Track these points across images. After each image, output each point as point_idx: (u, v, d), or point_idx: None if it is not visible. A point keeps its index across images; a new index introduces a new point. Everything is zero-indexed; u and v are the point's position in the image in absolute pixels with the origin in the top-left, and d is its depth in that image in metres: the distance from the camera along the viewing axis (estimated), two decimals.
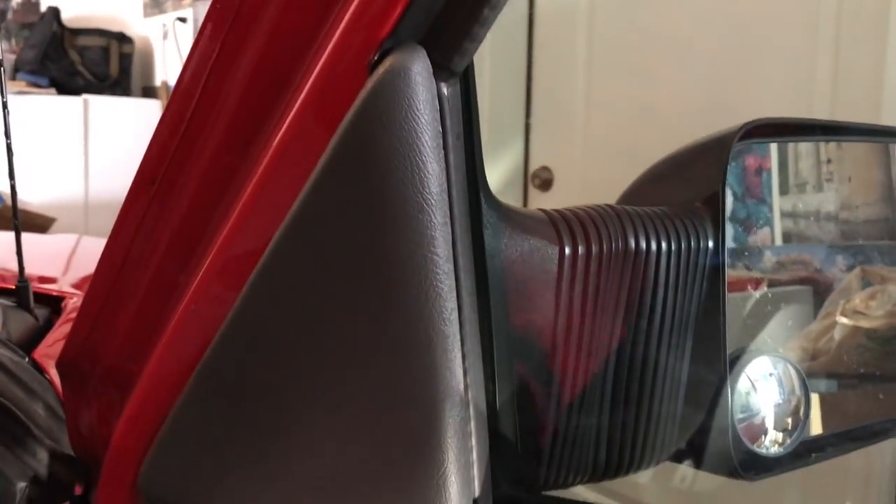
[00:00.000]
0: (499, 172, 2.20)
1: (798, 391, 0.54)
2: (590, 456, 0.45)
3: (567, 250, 0.42)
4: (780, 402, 0.54)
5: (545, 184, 2.22)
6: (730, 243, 0.56)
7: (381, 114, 0.34)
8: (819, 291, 0.62)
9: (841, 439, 0.55)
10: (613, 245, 0.43)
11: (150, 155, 0.45)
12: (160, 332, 0.47)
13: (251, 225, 0.40)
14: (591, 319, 0.43)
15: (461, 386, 0.38)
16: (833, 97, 1.55)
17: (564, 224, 0.43)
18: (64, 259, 1.20)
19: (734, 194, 0.57)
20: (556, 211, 0.44)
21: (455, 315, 0.37)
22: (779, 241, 0.61)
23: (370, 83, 0.34)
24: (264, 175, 0.39)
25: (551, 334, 0.42)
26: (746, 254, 0.58)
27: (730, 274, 0.55)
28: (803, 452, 0.53)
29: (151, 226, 0.46)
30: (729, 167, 0.48)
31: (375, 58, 0.35)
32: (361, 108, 0.35)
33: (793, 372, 0.54)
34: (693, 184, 0.49)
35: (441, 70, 0.35)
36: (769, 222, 0.60)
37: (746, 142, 0.52)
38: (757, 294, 0.57)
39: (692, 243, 0.46)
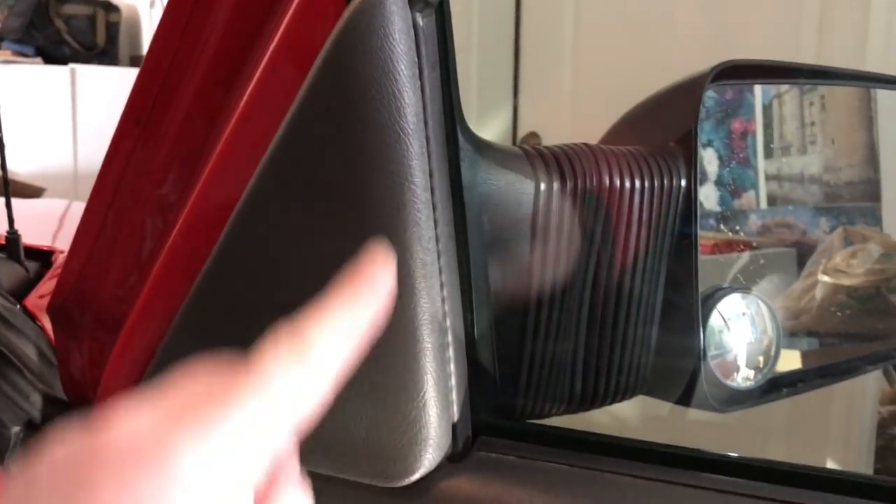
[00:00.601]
0: (487, 138, 2.20)
1: (770, 331, 0.56)
2: (566, 386, 0.46)
3: (542, 185, 0.43)
4: (752, 340, 0.55)
5: None
6: (715, 207, 0.57)
7: (357, 43, 0.35)
8: (803, 253, 0.64)
9: (811, 376, 0.57)
10: (588, 181, 0.44)
11: (135, 94, 0.46)
12: (148, 272, 0.48)
13: (235, 158, 0.41)
14: (565, 253, 0.44)
15: (440, 313, 0.39)
16: (819, 43, 1.56)
17: (540, 160, 0.44)
18: (55, 221, 1.20)
19: (719, 158, 0.58)
20: (533, 147, 0.45)
21: (433, 244, 0.39)
22: (764, 205, 0.62)
23: (347, 13, 0.35)
24: (246, 109, 0.40)
25: (527, 267, 0.44)
26: (731, 217, 0.59)
27: (715, 237, 0.56)
28: (776, 387, 0.55)
29: (138, 165, 0.47)
30: (702, 108, 0.49)
31: None
32: (338, 38, 0.35)
33: (765, 311, 0.56)
34: (668, 125, 0.50)
35: (416, 0, 0.36)
36: (754, 186, 0.61)
37: (720, 83, 0.53)
38: (741, 257, 0.58)
39: (665, 181, 0.47)
